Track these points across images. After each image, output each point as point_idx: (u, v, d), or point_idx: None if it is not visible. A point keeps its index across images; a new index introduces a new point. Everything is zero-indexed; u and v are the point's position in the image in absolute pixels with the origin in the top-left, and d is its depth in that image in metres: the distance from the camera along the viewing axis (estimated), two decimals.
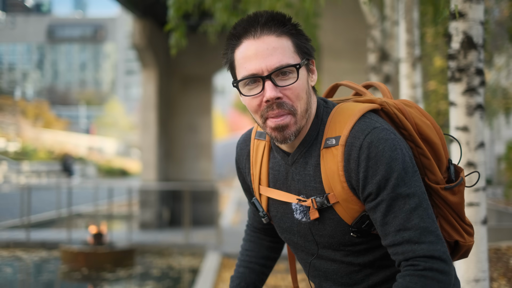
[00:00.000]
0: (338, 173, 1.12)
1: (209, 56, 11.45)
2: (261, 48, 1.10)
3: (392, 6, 5.08)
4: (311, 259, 1.25)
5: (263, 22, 1.11)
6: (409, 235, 1.08)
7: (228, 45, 1.17)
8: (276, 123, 1.11)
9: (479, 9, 2.40)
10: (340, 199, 1.13)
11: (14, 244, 8.79)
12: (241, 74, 1.13)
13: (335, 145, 1.12)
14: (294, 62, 1.12)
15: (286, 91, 1.11)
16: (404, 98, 3.95)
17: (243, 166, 1.33)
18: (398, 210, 1.09)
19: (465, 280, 2.42)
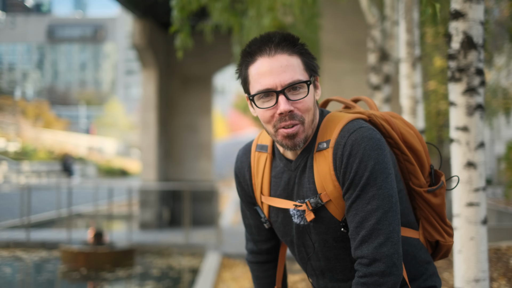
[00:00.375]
0: (330, 173, 1.23)
1: (209, 56, 11.45)
2: (275, 66, 1.21)
3: (392, 6, 5.08)
4: (307, 257, 1.34)
5: (277, 42, 1.23)
6: (362, 234, 1.18)
7: (243, 61, 1.27)
8: (288, 132, 1.23)
9: (479, 9, 2.40)
10: (332, 197, 1.23)
11: (14, 244, 8.79)
12: (256, 89, 1.23)
13: (326, 148, 1.23)
14: (304, 78, 1.23)
15: (297, 104, 1.22)
16: (404, 98, 3.95)
17: (243, 178, 1.42)
18: (361, 208, 1.19)
19: (465, 280, 2.42)
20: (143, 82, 10.84)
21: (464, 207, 2.42)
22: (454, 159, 2.46)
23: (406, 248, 1.30)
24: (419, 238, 1.34)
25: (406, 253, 1.30)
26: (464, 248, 2.42)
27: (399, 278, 1.18)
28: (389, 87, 5.16)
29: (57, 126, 38.40)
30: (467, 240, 2.42)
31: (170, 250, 8.63)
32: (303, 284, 4.59)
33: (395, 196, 1.20)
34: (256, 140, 1.41)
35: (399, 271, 1.18)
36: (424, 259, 1.34)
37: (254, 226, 1.46)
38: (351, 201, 1.20)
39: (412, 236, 1.32)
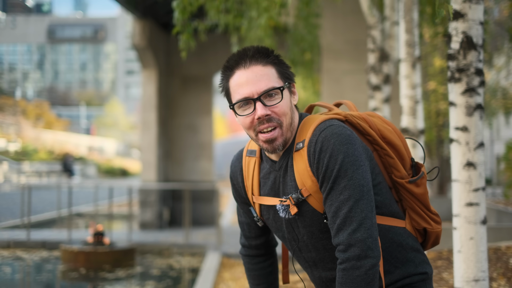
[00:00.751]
0: (307, 170, 1.34)
1: (209, 56, 11.45)
2: (251, 76, 1.34)
3: (392, 7, 5.09)
4: (299, 250, 1.45)
5: (251, 55, 1.36)
6: (337, 222, 1.28)
7: (223, 75, 1.41)
8: (267, 137, 1.35)
9: (478, 9, 2.41)
10: (312, 191, 1.34)
11: (14, 244, 8.79)
12: (236, 98, 1.36)
13: (302, 148, 1.35)
14: (278, 85, 1.35)
15: (273, 108, 1.34)
16: (404, 98, 3.96)
17: (237, 181, 1.54)
18: (335, 199, 1.29)
19: (464, 280, 2.42)
20: (143, 82, 10.84)
21: (463, 207, 2.42)
22: (453, 159, 2.46)
23: (391, 237, 1.39)
24: (405, 227, 1.43)
25: (392, 241, 1.39)
26: (464, 248, 2.43)
27: (376, 259, 1.27)
28: (389, 87, 5.17)
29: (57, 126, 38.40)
30: (466, 240, 2.42)
31: (170, 250, 8.64)
32: (302, 284, 4.60)
33: (366, 185, 1.29)
34: (247, 146, 1.54)
35: (374, 253, 1.26)
36: (411, 246, 1.42)
37: (245, 223, 1.59)
38: (326, 194, 1.31)
39: (396, 225, 1.41)
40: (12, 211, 13.12)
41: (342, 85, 7.83)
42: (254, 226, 1.57)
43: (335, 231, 1.29)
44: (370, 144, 1.42)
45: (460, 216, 2.42)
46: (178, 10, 2.99)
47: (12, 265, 7.80)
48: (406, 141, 1.48)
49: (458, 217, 2.41)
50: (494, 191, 17.66)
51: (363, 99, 7.79)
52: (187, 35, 3.01)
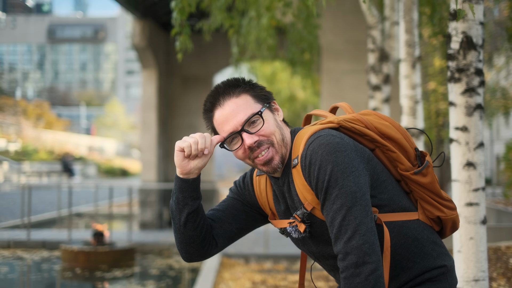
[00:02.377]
0: (304, 185, 1.35)
1: (209, 56, 11.45)
2: (228, 112, 1.38)
3: (391, 7, 5.09)
4: (318, 260, 1.47)
5: (222, 91, 1.40)
6: (334, 232, 1.29)
7: (206, 119, 1.45)
8: (263, 160, 1.38)
9: (478, 10, 2.41)
10: (314, 204, 1.35)
11: (14, 243, 8.79)
12: (222, 134, 1.40)
13: (297, 164, 1.36)
14: (257, 110, 1.38)
15: (259, 133, 1.37)
16: (404, 98, 3.96)
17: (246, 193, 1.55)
18: (329, 209, 1.30)
19: (464, 280, 2.42)
20: (143, 82, 10.84)
21: (463, 207, 2.42)
22: (453, 159, 2.47)
23: (405, 232, 1.38)
24: (418, 219, 1.42)
25: (407, 237, 1.38)
26: (464, 248, 2.43)
27: (375, 264, 1.26)
28: (389, 87, 5.17)
29: (57, 126, 38.40)
30: (466, 240, 2.42)
31: (170, 250, 8.64)
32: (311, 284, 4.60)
33: (359, 191, 1.29)
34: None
35: (372, 258, 1.26)
36: (428, 238, 1.41)
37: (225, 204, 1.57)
38: (321, 205, 1.32)
39: (409, 218, 1.40)
40: (12, 211, 13.12)
41: (342, 85, 7.83)
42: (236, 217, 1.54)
43: (333, 240, 1.30)
44: (371, 143, 1.42)
45: (460, 216, 2.42)
46: (177, 10, 2.98)
47: (13, 265, 7.80)
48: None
49: None
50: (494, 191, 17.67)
51: (363, 99, 7.78)
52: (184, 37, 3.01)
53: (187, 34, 3.02)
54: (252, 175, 1.55)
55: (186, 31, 3.03)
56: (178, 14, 3.00)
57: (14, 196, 16.35)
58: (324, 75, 8.10)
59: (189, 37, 3.40)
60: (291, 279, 6.07)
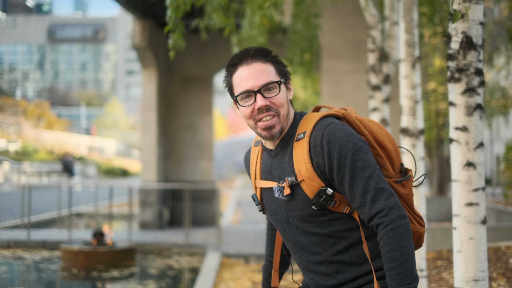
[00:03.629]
0: (304, 157, 1.49)
1: (209, 56, 11.45)
2: (252, 71, 1.52)
3: (391, 7, 5.09)
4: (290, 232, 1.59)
5: (252, 54, 1.54)
6: (370, 196, 1.44)
7: (227, 72, 1.58)
8: (266, 124, 1.51)
9: (478, 10, 2.41)
10: (305, 177, 1.49)
11: (14, 243, 8.79)
12: (238, 91, 1.53)
13: (303, 138, 1.51)
14: (276, 80, 1.53)
15: (272, 100, 1.52)
16: (404, 98, 3.96)
17: (248, 169, 1.74)
18: (359, 178, 1.45)
19: (464, 280, 2.42)
20: (143, 82, 10.84)
21: (463, 207, 2.42)
22: (453, 159, 2.47)
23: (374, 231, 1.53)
24: None
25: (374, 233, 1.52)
26: (464, 248, 2.43)
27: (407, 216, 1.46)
28: (389, 87, 5.17)
29: (57, 126, 38.39)
30: (466, 240, 2.42)
31: (170, 250, 8.64)
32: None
33: (376, 164, 1.49)
34: (254, 139, 1.72)
35: (404, 211, 1.46)
36: None
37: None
38: (349, 177, 1.46)
39: None
40: (13, 211, 13.12)
41: (342, 85, 7.83)
42: None
43: (370, 203, 1.44)
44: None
45: (460, 216, 2.42)
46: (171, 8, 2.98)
47: (13, 265, 7.81)
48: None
49: (458, 217, 2.42)
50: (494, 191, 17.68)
51: (363, 99, 7.78)
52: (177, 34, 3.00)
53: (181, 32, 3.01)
54: (249, 150, 1.73)
55: (179, 29, 3.02)
56: (172, 12, 3.00)
57: (14, 196, 16.35)
58: (324, 75, 8.10)
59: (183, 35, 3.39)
60: (290, 279, 6.07)
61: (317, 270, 1.56)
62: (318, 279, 1.56)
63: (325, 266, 1.54)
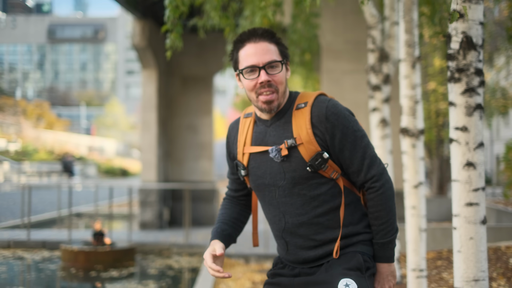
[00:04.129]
0: (305, 123, 1.67)
1: (209, 56, 11.45)
2: (259, 49, 1.67)
3: (391, 7, 5.09)
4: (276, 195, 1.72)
5: (260, 33, 1.69)
6: (367, 162, 1.68)
7: (235, 47, 1.73)
8: (266, 98, 1.67)
9: (478, 9, 2.41)
10: (304, 141, 1.66)
11: (14, 243, 8.80)
12: (244, 65, 1.68)
13: (304, 107, 1.70)
14: (279, 60, 1.69)
15: (273, 77, 1.67)
16: (404, 98, 3.95)
17: (231, 139, 1.85)
18: (358, 146, 1.68)
19: (464, 280, 2.42)
20: (143, 82, 10.84)
21: (463, 207, 2.42)
22: (453, 159, 2.47)
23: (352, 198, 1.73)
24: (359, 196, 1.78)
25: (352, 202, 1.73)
26: (463, 248, 2.43)
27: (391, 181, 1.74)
28: (389, 87, 5.17)
29: (57, 126, 38.39)
30: (466, 240, 2.42)
31: (170, 250, 8.64)
32: None
33: None
34: (243, 112, 1.87)
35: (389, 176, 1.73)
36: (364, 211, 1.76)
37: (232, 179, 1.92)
38: (350, 145, 1.67)
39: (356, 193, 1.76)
40: (13, 211, 13.12)
41: (342, 85, 7.82)
42: (238, 181, 1.89)
43: (366, 168, 1.68)
44: None
45: (459, 216, 2.42)
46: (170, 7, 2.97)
47: (13, 265, 7.81)
48: None
49: (457, 217, 2.42)
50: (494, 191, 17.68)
51: (363, 99, 7.78)
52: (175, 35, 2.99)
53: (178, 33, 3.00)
54: (238, 121, 1.86)
55: (177, 30, 3.01)
56: (171, 12, 2.99)
57: (14, 196, 16.35)
58: (324, 75, 8.10)
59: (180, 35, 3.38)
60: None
61: (296, 231, 1.70)
62: (296, 241, 1.71)
63: (304, 228, 1.69)
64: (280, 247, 1.77)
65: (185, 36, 11.42)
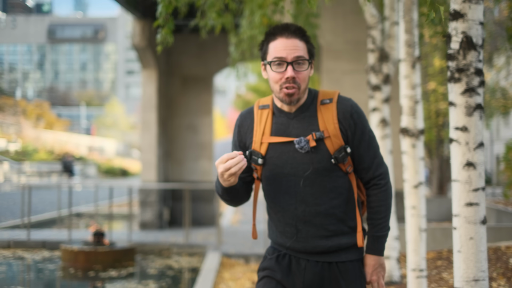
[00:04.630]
0: (332, 118, 1.80)
1: (209, 56, 11.45)
2: (289, 44, 1.76)
3: (391, 7, 5.09)
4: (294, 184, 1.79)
5: (292, 30, 1.77)
6: (377, 161, 1.85)
7: (266, 38, 1.81)
8: (289, 92, 1.76)
9: (478, 9, 2.41)
10: (331, 134, 1.78)
11: (14, 243, 8.80)
12: (273, 57, 1.76)
13: (329, 103, 1.83)
14: (307, 58, 1.78)
15: (298, 74, 1.77)
16: (404, 98, 3.95)
17: (245, 129, 1.90)
18: (371, 145, 1.85)
19: (464, 280, 2.42)
20: (143, 82, 10.84)
21: (463, 207, 2.42)
22: (453, 159, 2.47)
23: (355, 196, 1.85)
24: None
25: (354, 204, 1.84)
26: (463, 248, 2.43)
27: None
28: (389, 87, 5.16)
29: (57, 126, 38.38)
30: (466, 240, 2.42)
31: (170, 250, 8.64)
32: None
33: None
34: (256, 104, 1.92)
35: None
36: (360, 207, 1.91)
37: None
38: (366, 143, 1.83)
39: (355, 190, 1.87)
40: (13, 211, 13.13)
41: (342, 85, 7.82)
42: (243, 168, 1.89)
43: (375, 167, 1.84)
44: None
45: (459, 216, 2.42)
46: (163, 3, 2.97)
47: (13, 265, 7.81)
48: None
49: (457, 217, 2.42)
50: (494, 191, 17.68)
51: (363, 99, 7.77)
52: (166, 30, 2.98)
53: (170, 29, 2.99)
54: (252, 111, 1.90)
55: (169, 26, 3.01)
56: (163, 7, 2.99)
57: (14, 196, 16.35)
58: (324, 75, 8.09)
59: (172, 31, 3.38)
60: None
61: (311, 220, 1.78)
62: (309, 229, 1.78)
63: (320, 217, 1.78)
64: (285, 235, 1.81)
65: (185, 36, 11.44)
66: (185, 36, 11.19)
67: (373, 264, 1.82)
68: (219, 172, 1.69)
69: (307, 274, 1.78)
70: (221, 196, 1.84)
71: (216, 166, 1.70)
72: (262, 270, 1.85)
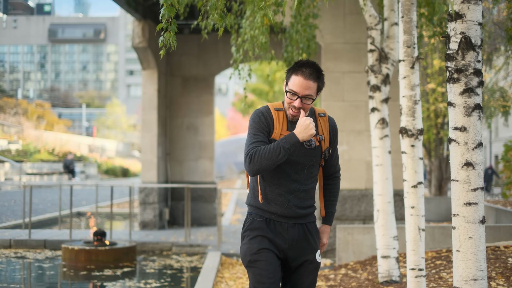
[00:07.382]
0: (326, 128, 2.58)
1: (210, 57, 11.46)
2: (304, 85, 2.42)
3: (391, 7, 5.10)
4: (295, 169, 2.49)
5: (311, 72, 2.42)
6: (337, 160, 2.68)
7: (294, 68, 2.45)
8: (293, 113, 2.49)
9: (477, 10, 2.43)
10: (326, 138, 2.56)
11: (16, 243, 8.81)
12: (291, 87, 2.44)
13: (324, 116, 2.60)
14: (314, 97, 2.45)
15: (304, 105, 2.45)
16: (403, 98, 3.97)
17: (268, 121, 2.49)
18: (337, 150, 2.66)
19: (463, 279, 2.44)
20: (143, 82, 10.86)
21: (462, 206, 2.44)
22: (452, 159, 2.48)
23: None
24: None
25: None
26: (463, 248, 2.44)
27: None
28: (388, 88, 5.18)
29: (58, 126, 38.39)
30: (465, 239, 2.44)
31: (171, 249, 8.65)
32: None
33: None
34: (271, 106, 2.53)
35: None
36: None
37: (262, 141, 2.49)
38: (337, 148, 2.64)
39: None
40: (14, 210, 13.14)
41: (341, 86, 7.84)
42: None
43: (336, 164, 2.67)
44: None
45: (459, 215, 2.43)
46: (165, 6, 2.98)
47: (14, 264, 7.82)
48: None
49: (457, 217, 2.43)
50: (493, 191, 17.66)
51: (363, 100, 7.79)
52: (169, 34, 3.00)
53: (173, 32, 3.01)
54: (269, 111, 2.51)
55: (172, 28, 3.02)
56: (166, 10, 3.00)
57: (16, 195, 16.37)
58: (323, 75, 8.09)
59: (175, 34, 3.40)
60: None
61: (298, 194, 2.50)
62: (295, 201, 2.49)
63: (303, 193, 2.51)
64: (277, 203, 2.48)
65: (186, 37, 11.45)
66: (185, 36, 11.21)
67: (327, 231, 2.64)
68: (308, 123, 2.37)
69: (290, 233, 2.47)
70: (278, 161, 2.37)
71: (304, 121, 2.38)
72: (254, 229, 2.47)
